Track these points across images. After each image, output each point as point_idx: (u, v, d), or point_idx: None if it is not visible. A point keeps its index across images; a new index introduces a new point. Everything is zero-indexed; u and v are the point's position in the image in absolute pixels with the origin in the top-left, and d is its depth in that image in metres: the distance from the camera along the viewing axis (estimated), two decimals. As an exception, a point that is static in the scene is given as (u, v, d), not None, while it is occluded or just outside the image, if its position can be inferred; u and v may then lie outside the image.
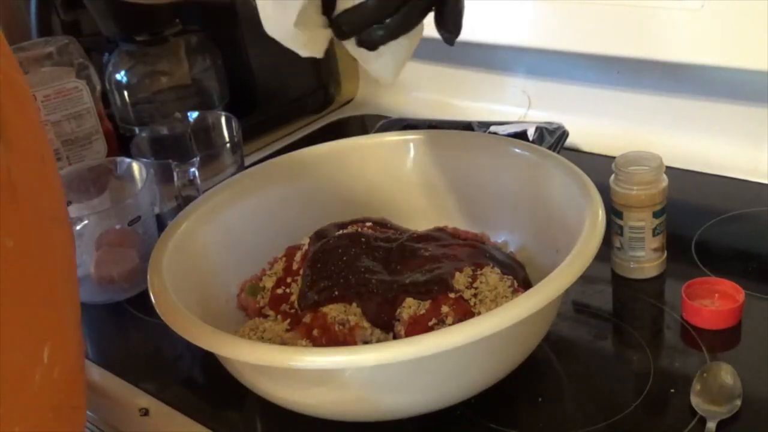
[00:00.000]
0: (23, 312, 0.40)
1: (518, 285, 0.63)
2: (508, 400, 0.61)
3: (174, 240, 0.66)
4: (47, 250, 0.43)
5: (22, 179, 0.40)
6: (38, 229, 0.42)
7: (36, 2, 1.03)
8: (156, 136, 0.92)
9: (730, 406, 0.57)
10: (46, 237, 0.43)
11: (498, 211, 0.74)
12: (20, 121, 0.42)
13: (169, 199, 0.85)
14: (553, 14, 0.95)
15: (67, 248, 0.47)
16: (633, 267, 0.72)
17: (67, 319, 0.45)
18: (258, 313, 0.67)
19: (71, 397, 0.46)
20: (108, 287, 0.79)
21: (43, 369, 0.42)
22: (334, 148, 0.79)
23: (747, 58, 0.82)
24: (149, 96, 1.04)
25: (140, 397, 0.67)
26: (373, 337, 0.60)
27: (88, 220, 0.76)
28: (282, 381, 0.57)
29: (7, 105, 0.41)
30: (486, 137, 0.84)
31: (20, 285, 0.40)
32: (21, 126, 0.42)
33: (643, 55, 0.90)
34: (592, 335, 0.68)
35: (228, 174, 0.86)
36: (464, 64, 1.10)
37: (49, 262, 0.43)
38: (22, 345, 0.40)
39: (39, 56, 0.93)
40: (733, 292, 0.67)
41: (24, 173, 0.41)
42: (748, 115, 0.88)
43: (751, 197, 0.83)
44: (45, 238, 0.43)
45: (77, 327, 0.47)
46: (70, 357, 0.45)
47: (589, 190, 0.63)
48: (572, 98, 1.01)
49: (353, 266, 0.64)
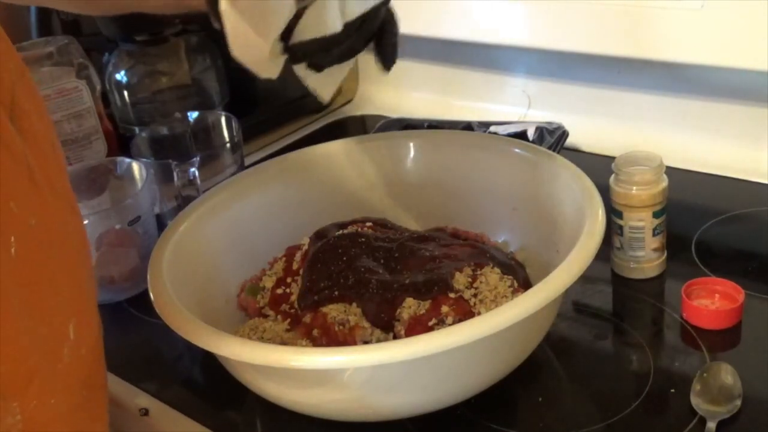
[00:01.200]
0: (49, 288, 0.42)
1: (518, 285, 0.63)
2: (508, 400, 0.61)
3: (174, 240, 0.66)
4: (66, 229, 0.45)
5: (38, 164, 0.42)
6: (56, 211, 0.44)
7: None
8: (156, 136, 0.92)
9: (730, 406, 0.57)
10: (64, 219, 0.45)
11: (498, 211, 0.74)
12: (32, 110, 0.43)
13: (169, 199, 0.85)
14: (553, 14, 0.95)
15: (82, 233, 0.48)
16: (633, 267, 0.72)
17: (89, 297, 0.47)
18: (258, 313, 0.67)
19: (97, 376, 0.47)
20: (108, 287, 0.79)
21: (71, 345, 0.43)
22: (334, 148, 0.79)
23: (747, 58, 0.82)
24: (149, 96, 1.04)
25: (140, 397, 0.67)
26: (373, 337, 0.60)
27: (88, 220, 0.76)
28: (282, 381, 0.57)
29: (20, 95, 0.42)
30: (486, 137, 0.84)
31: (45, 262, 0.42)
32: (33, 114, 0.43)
33: (644, 55, 0.90)
34: (592, 335, 0.68)
35: (228, 174, 0.86)
36: (464, 64, 1.10)
37: (69, 240, 0.45)
38: (51, 321, 0.42)
39: (39, 56, 0.93)
40: (733, 292, 0.67)
41: (39, 159, 0.42)
42: (748, 115, 0.88)
43: (751, 197, 0.83)
44: (63, 220, 0.45)
45: (96, 308, 0.48)
46: (93, 336, 0.46)
47: (589, 190, 0.63)
48: (572, 98, 1.01)
49: (353, 266, 0.64)
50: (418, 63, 1.14)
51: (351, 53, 0.60)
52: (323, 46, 0.57)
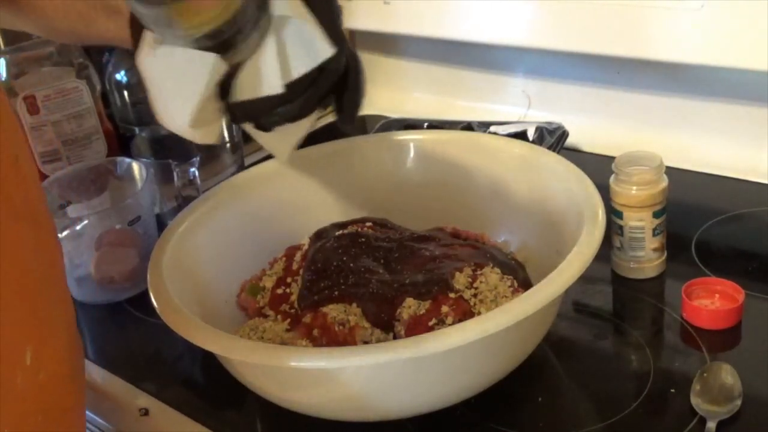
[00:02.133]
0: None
1: (518, 285, 0.63)
2: (508, 400, 0.61)
3: (174, 240, 0.66)
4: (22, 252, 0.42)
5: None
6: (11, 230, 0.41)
7: (36, 2, 1.03)
8: (156, 136, 0.92)
9: (730, 406, 0.57)
10: (20, 239, 0.42)
11: (498, 211, 0.74)
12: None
13: (169, 199, 0.85)
14: (553, 14, 0.95)
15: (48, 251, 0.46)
16: (633, 267, 0.72)
17: (52, 322, 0.45)
18: (258, 313, 0.67)
19: (63, 399, 0.45)
20: (108, 287, 0.79)
21: (26, 372, 0.41)
22: (334, 148, 0.78)
23: (747, 58, 0.82)
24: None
25: (140, 397, 0.67)
26: (373, 337, 0.60)
27: (88, 220, 0.76)
28: (282, 381, 0.57)
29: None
30: (486, 137, 0.84)
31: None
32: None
33: (643, 55, 0.90)
34: (592, 335, 0.68)
35: (228, 174, 0.86)
36: (464, 64, 1.10)
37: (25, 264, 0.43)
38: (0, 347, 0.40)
39: (39, 56, 0.93)
40: (733, 292, 0.67)
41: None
42: (748, 115, 0.88)
43: (751, 197, 0.83)
44: (19, 240, 0.42)
45: (68, 328, 0.46)
46: (58, 359, 0.44)
47: (589, 190, 0.63)
48: (572, 98, 1.01)
49: (353, 266, 0.64)
50: (418, 63, 1.14)
51: (302, 113, 0.55)
52: (264, 107, 0.53)
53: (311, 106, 0.55)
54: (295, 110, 0.54)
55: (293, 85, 0.53)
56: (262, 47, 0.52)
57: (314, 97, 0.54)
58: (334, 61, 0.53)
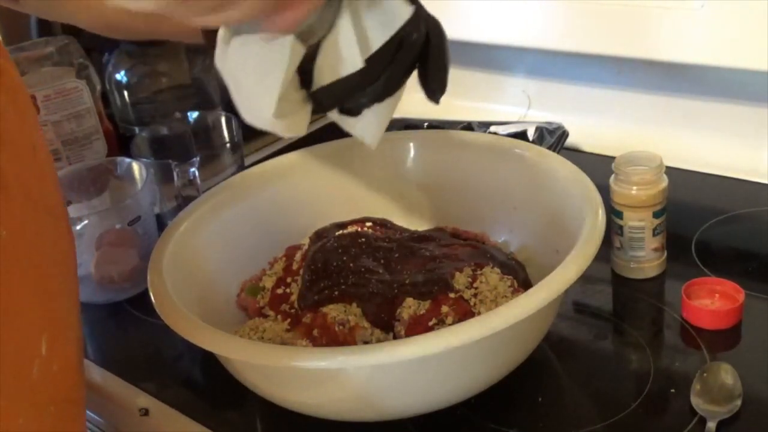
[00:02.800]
0: (18, 302, 0.40)
1: (518, 285, 0.63)
2: (508, 400, 0.61)
3: (174, 240, 0.66)
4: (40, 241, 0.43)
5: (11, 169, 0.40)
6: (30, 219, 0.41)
7: (36, 2, 1.03)
8: (156, 136, 0.92)
9: (730, 406, 0.57)
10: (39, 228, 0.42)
11: (498, 211, 0.74)
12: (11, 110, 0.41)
13: (169, 199, 0.85)
14: (553, 14, 0.95)
15: (63, 241, 0.46)
16: (633, 267, 0.72)
17: (66, 313, 0.45)
18: (258, 313, 0.67)
19: (72, 391, 0.45)
20: (108, 287, 0.79)
21: (42, 361, 0.41)
22: (334, 148, 0.78)
23: (747, 58, 0.82)
24: (149, 96, 1.04)
25: (140, 397, 0.67)
26: (373, 337, 0.60)
27: (88, 220, 0.76)
28: (282, 381, 0.57)
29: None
30: (486, 137, 0.84)
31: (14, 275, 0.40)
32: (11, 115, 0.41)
33: (643, 55, 0.90)
34: (592, 335, 0.68)
35: (228, 174, 0.86)
36: (464, 64, 1.10)
37: (43, 253, 0.43)
38: (19, 336, 0.40)
39: (39, 56, 0.93)
40: (733, 292, 0.67)
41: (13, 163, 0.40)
42: (748, 115, 0.88)
43: (751, 197, 0.83)
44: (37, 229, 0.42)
45: (76, 322, 0.46)
46: (69, 351, 0.45)
47: (589, 190, 0.63)
48: (572, 98, 1.01)
49: (353, 266, 0.64)
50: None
51: (387, 91, 0.51)
52: (347, 87, 0.50)
53: (396, 82, 0.52)
54: (379, 88, 0.51)
55: (374, 59, 0.50)
56: (338, 23, 0.49)
57: (398, 71, 0.51)
58: (412, 29, 0.50)
